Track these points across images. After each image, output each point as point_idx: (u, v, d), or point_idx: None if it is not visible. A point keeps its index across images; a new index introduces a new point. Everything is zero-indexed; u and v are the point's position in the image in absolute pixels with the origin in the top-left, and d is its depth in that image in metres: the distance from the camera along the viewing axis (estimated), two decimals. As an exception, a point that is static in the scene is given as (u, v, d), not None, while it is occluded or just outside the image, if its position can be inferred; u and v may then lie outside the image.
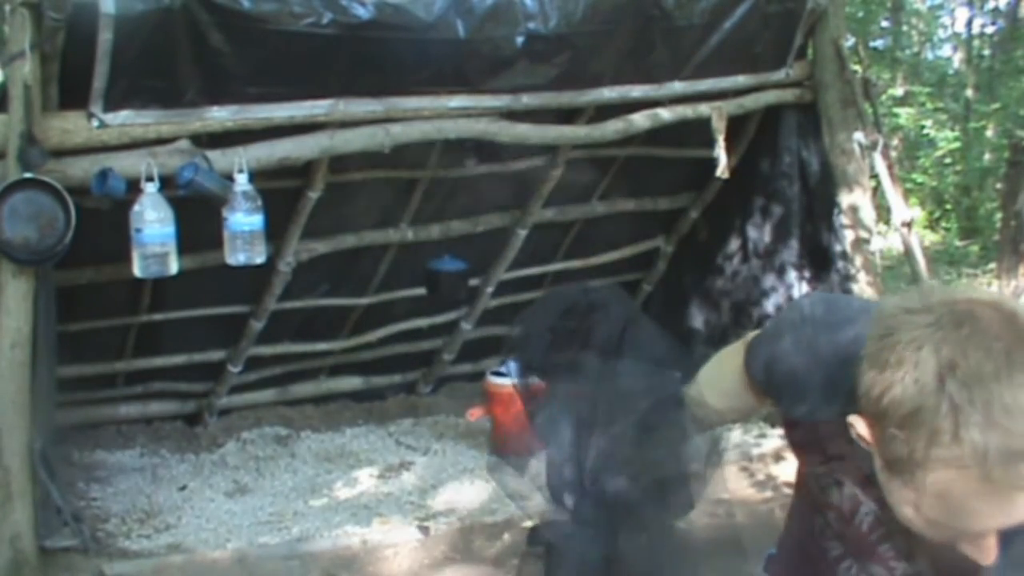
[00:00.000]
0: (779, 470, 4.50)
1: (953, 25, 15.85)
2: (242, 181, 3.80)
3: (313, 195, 4.37)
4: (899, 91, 13.51)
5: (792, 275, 5.23)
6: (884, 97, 11.42)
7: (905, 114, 13.09)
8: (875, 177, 5.11)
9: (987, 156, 13.02)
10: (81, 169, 3.61)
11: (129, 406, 5.18)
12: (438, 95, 4.15)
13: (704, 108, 4.75)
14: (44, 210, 3.50)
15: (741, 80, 4.89)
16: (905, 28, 15.12)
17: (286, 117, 3.91)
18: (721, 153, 4.73)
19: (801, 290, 5.19)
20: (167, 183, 3.69)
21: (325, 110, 3.95)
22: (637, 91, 4.61)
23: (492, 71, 4.19)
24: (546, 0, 4.14)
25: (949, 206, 13.52)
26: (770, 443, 4.74)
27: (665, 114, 4.70)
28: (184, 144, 3.75)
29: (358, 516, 4.20)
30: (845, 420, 1.21)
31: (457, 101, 4.19)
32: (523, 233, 5.18)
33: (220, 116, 3.79)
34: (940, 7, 15.59)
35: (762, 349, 1.44)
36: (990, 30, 15.15)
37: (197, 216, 3.80)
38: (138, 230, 3.63)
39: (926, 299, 1.14)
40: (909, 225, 4.91)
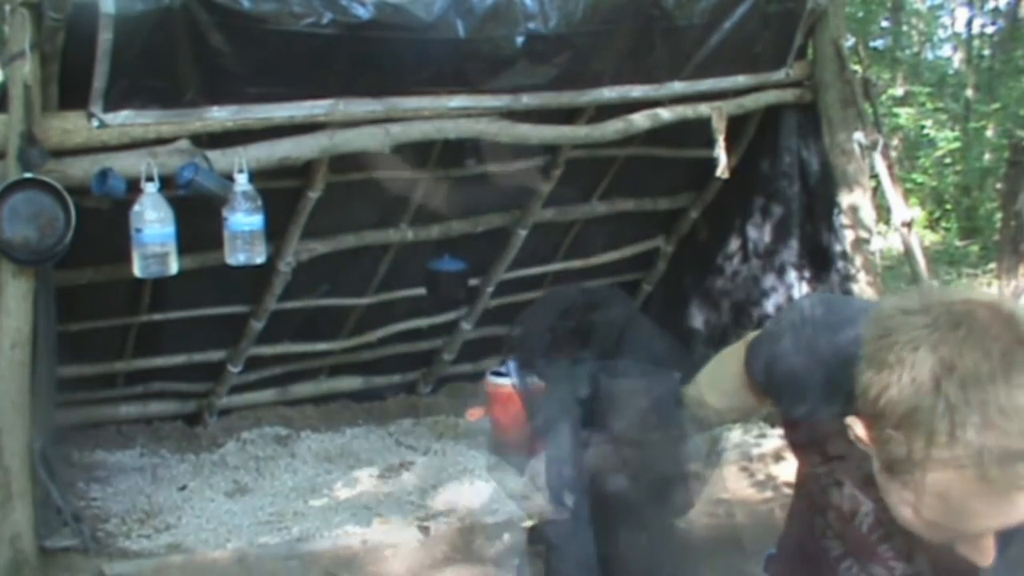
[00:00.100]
0: (779, 470, 4.50)
1: (953, 25, 15.86)
2: (242, 181, 3.80)
3: (313, 195, 4.37)
4: (899, 91, 13.51)
5: (792, 275, 5.22)
6: (884, 97, 11.42)
7: (905, 114, 13.10)
8: (875, 177, 5.11)
9: (987, 156, 13.03)
10: (81, 169, 3.61)
11: (129, 406, 5.18)
12: (438, 95, 4.15)
13: (704, 108, 4.75)
14: (44, 210, 3.49)
15: (741, 80, 4.89)
16: (905, 28, 15.12)
17: (286, 117, 3.91)
18: (721, 153, 4.73)
19: (801, 290, 5.19)
20: (167, 183, 3.69)
21: (325, 110, 3.95)
22: (637, 91, 4.61)
23: (492, 71, 4.19)
24: (546, 0, 4.14)
25: (949, 206, 13.53)
26: (770, 443, 4.74)
27: (665, 114, 4.70)
28: (184, 144, 3.75)
29: (358, 516, 4.19)
30: (845, 420, 1.21)
31: (457, 101, 4.19)
32: (523, 233, 5.18)
33: (220, 116, 3.79)
34: (940, 7, 15.59)
35: (762, 349, 1.44)
36: (990, 30, 15.16)
37: (197, 216, 3.80)
38: (138, 230, 3.63)
39: (924, 300, 1.15)
40: (909, 225, 4.91)
